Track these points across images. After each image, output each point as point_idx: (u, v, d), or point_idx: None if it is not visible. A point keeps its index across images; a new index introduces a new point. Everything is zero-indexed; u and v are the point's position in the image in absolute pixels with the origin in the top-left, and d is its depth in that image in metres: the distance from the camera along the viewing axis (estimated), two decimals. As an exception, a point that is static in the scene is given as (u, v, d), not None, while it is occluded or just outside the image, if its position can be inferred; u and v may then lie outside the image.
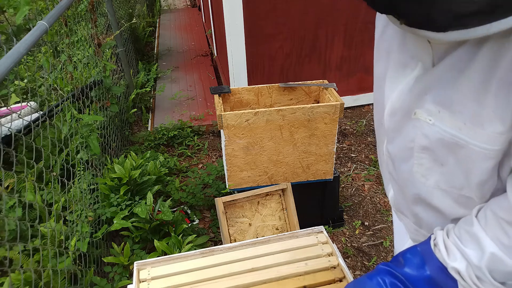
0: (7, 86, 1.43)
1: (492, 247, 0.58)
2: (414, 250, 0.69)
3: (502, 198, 0.60)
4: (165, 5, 7.61)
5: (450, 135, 0.59)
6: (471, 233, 0.62)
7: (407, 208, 0.80)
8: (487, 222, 0.60)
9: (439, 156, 0.64)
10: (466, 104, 0.55)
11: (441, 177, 0.65)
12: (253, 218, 1.93)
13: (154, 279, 0.95)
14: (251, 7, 2.82)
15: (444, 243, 0.65)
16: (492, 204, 0.61)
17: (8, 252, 1.29)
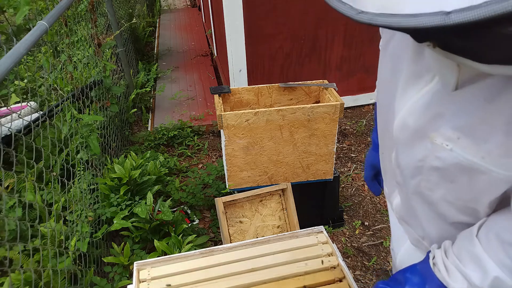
0: (7, 86, 1.43)
1: (496, 271, 0.57)
2: (414, 269, 0.69)
3: (505, 218, 0.58)
4: (165, 5, 7.60)
5: (470, 162, 0.56)
6: (472, 254, 0.61)
7: (412, 217, 0.79)
8: (490, 244, 0.59)
9: (450, 176, 0.61)
10: (493, 134, 0.52)
11: (448, 191, 0.64)
12: (253, 218, 1.93)
13: (154, 279, 0.95)
14: (251, 7, 2.82)
15: (443, 263, 0.64)
16: (494, 224, 0.60)
17: (8, 252, 1.29)
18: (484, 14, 0.30)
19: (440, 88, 0.58)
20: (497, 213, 0.61)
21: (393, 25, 0.35)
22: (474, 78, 0.53)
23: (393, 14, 0.35)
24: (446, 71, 0.55)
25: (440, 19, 0.32)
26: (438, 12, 0.32)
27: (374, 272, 2.03)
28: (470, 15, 0.31)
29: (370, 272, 2.03)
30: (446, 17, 0.32)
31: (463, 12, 0.31)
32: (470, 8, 0.31)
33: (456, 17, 0.31)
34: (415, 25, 0.34)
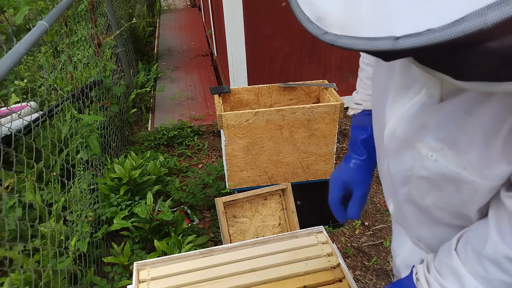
0: (7, 86, 1.43)
1: (473, 283, 0.59)
2: (399, 285, 0.71)
3: (481, 231, 0.59)
4: (165, 5, 7.60)
5: (454, 172, 0.58)
6: (451, 267, 0.62)
7: (406, 223, 0.80)
8: (467, 257, 0.60)
9: (438, 185, 0.63)
10: (473, 145, 0.54)
11: (439, 198, 0.65)
12: (253, 218, 1.93)
13: (153, 280, 0.95)
14: (251, 7, 2.82)
15: (425, 278, 0.66)
16: (471, 237, 0.61)
17: (8, 252, 1.29)
18: (426, 41, 0.32)
19: (427, 99, 0.59)
20: (475, 226, 0.62)
21: (351, 47, 0.37)
22: (456, 91, 0.54)
23: (351, 37, 0.37)
24: (431, 84, 0.56)
25: (389, 43, 0.34)
26: (389, 37, 0.34)
27: (374, 272, 2.03)
28: (414, 42, 0.32)
29: (370, 272, 2.03)
30: (394, 42, 0.33)
31: (408, 38, 0.33)
32: (415, 35, 0.32)
33: (403, 43, 0.33)
34: (369, 48, 0.35)
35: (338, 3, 0.38)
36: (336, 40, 0.38)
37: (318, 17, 0.40)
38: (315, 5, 0.41)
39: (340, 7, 0.38)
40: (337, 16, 0.38)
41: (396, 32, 0.34)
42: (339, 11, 0.38)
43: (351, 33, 0.37)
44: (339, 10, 0.38)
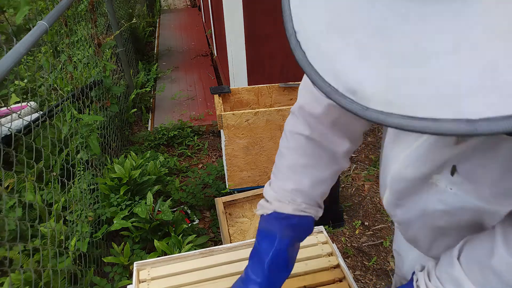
0: (7, 86, 1.43)
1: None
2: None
3: (486, 242, 0.58)
4: (165, 5, 7.60)
5: (475, 205, 0.55)
6: (452, 276, 0.61)
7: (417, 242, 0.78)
8: (470, 267, 0.59)
9: (455, 214, 0.61)
10: (498, 180, 0.51)
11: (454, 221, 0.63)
12: (253, 218, 1.93)
13: (154, 280, 0.95)
14: (251, 7, 2.82)
15: (426, 286, 0.65)
16: (476, 248, 0.60)
17: (8, 252, 1.30)
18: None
19: (435, 140, 0.56)
20: (478, 237, 0.61)
21: (408, 129, 0.31)
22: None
23: (405, 116, 0.31)
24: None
25: (466, 128, 0.28)
26: (459, 120, 0.28)
27: (374, 272, 2.03)
28: (499, 127, 0.27)
29: (370, 272, 2.03)
30: (472, 127, 0.28)
31: (489, 122, 0.28)
32: (498, 119, 0.27)
33: (483, 128, 0.28)
34: (436, 131, 0.30)
35: (376, 74, 0.32)
36: (386, 120, 0.32)
37: (350, 90, 0.34)
38: (343, 75, 0.34)
39: (379, 80, 0.32)
40: (377, 90, 0.33)
41: (467, 113, 0.28)
42: (379, 84, 0.32)
43: (403, 111, 0.31)
44: (379, 83, 0.32)
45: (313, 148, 0.73)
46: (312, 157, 0.73)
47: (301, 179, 0.73)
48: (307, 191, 0.73)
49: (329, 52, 0.36)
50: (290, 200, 0.73)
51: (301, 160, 0.73)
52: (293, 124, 0.75)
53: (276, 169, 0.77)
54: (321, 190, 0.75)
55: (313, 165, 0.74)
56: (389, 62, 0.32)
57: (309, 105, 0.71)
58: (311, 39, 0.38)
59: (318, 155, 0.73)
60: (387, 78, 0.32)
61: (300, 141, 0.73)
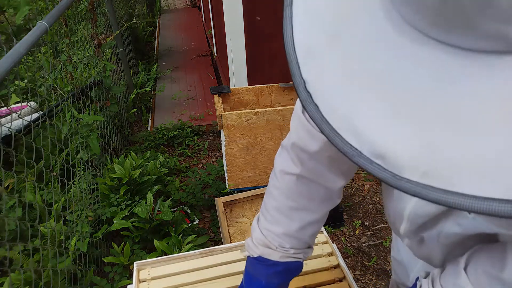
0: (7, 86, 1.43)
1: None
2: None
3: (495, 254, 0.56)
4: (165, 5, 7.60)
5: (493, 230, 0.52)
6: (458, 286, 0.60)
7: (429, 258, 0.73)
8: (477, 278, 0.57)
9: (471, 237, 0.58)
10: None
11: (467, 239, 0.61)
12: (253, 218, 1.93)
13: (154, 279, 0.95)
14: (251, 7, 2.82)
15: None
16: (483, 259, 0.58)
17: (8, 252, 1.29)
18: None
19: None
20: (485, 248, 0.59)
21: (453, 206, 0.27)
22: None
23: (447, 191, 0.27)
24: None
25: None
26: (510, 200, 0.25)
27: (374, 272, 2.03)
28: None
29: (370, 272, 2.03)
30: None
31: None
32: None
33: None
34: (485, 211, 0.25)
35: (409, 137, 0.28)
36: (425, 194, 0.27)
37: (377, 154, 0.29)
38: (367, 135, 0.29)
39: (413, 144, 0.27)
40: (410, 156, 0.28)
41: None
42: (413, 149, 0.27)
43: (444, 185, 0.27)
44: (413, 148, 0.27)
45: (305, 187, 0.68)
46: (303, 198, 0.69)
47: (290, 223, 0.69)
48: (296, 235, 0.70)
49: (348, 107, 0.30)
50: (277, 245, 0.69)
51: (290, 203, 0.69)
52: (283, 162, 0.70)
53: (265, 209, 0.72)
54: (311, 231, 0.72)
55: (303, 208, 0.69)
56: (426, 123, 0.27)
57: (303, 141, 0.65)
58: (327, 91, 0.32)
59: (309, 195, 0.69)
60: (423, 141, 0.27)
61: (290, 182, 0.68)
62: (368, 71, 0.30)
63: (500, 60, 0.25)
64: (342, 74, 0.31)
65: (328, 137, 0.31)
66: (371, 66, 0.29)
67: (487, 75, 0.25)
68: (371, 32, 0.30)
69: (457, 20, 0.25)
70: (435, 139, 0.27)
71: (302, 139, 0.65)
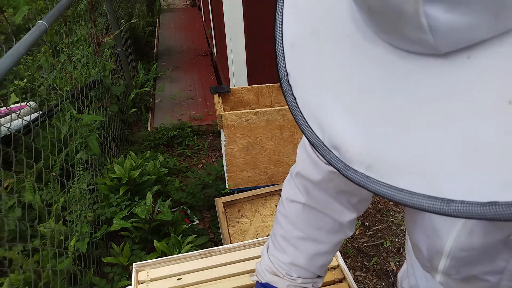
0: (7, 86, 1.43)
1: None
2: None
3: None
4: (165, 4, 7.60)
5: None
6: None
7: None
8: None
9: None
10: None
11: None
12: (253, 218, 1.93)
13: (153, 281, 0.95)
14: (251, 7, 2.81)
15: None
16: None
17: (8, 252, 1.29)
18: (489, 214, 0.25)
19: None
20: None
21: (389, 198, 0.29)
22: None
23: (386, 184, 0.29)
24: None
25: (438, 206, 0.27)
26: (436, 198, 0.27)
27: (374, 273, 2.03)
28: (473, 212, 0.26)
29: (371, 273, 2.03)
30: (446, 206, 0.27)
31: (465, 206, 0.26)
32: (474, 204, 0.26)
33: (458, 210, 0.26)
34: (410, 204, 0.28)
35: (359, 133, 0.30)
36: (366, 184, 0.30)
37: (334, 145, 0.32)
38: (328, 127, 0.33)
39: (362, 139, 0.30)
40: (358, 150, 0.31)
41: (445, 193, 0.27)
42: (361, 144, 0.30)
43: (384, 179, 0.29)
44: (361, 142, 0.30)
45: (312, 216, 0.66)
46: (309, 228, 0.66)
47: (296, 253, 0.67)
48: (303, 266, 0.68)
49: (318, 102, 0.33)
50: (285, 274, 0.68)
51: (296, 232, 0.67)
52: (289, 190, 0.69)
53: (273, 236, 0.71)
54: (320, 262, 0.69)
55: (310, 238, 0.67)
56: (375, 122, 0.30)
57: (306, 170, 0.64)
58: (304, 85, 0.35)
59: (316, 224, 0.66)
60: (370, 139, 0.30)
61: (297, 210, 0.67)
62: (334, 69, 0.33)
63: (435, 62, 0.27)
64: (317, 69, 0.34)
65: (300, 127, 0.35)
66: (337, 63, 0.32)
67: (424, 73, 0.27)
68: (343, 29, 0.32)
69: (390, 27, 0.27)
70: (379, 136, 0.29)
71: (305, 167, 0.64)
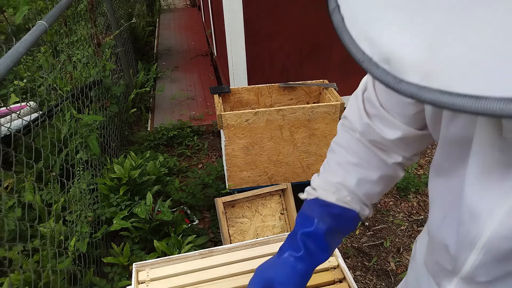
0: (7, 86, 1.43)
1: None
2: None
3: None
4: (165, 4, 7.60)
5: None
6: None
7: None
8: None
9: None
10: None
11: None
12: (253, 218, 1.93)
13: (153, 281, 0.95)
14: (251, 7, 2.81)
15: None
16: None
17: (8, 252, 1.29)
18: None
19: None
20: None
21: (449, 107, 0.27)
22: None
23: (445, 92, 0.27)
24: None
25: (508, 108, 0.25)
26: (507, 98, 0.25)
27: (374, 273, 2.03)
28: None
29: (371, 273, 2.03)
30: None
31: None
32: None
33: None
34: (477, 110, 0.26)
35: (414, 41, 0.29)
36: (420, 94, 0.29)
37: (385, 58, 0.31)
38: (379, 41, 0.31)
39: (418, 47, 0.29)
40: (414, 59, 0.29)
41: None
42: (417, 52, 0.29)
43: (444, 86, 0.27)
44: (417, 51, 0.29)
45: (363, 149, 0.71)
46: (361, 157, 0.71)
47: (346, 176, 0.71)
48: (352, 188, 0.71)
49: (370, 17, 0.32)
50: (335, 190, 0.72)
51: (350, 158, 0.72)
52: (343, 123, 0.75)
53: (326, 163, 0.76)
54: (366, 190, 0.71)
55: (362, 165, 0.71)
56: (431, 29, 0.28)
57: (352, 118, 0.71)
58: (354, 2, 0.34)
59: (366, 157, 0.71)
60: (427, 45, 0.28)
61: (350, 140, 0.72)
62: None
63: None
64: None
65: (346, 45, 0.34)
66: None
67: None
68: None
69: None
70: (439, 41, 0.28)
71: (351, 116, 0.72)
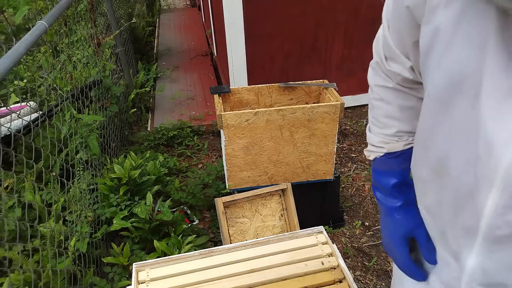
0: (7, 86, 1.43)
1: None
2: None
3: None
4: (165, 4, 7.60)
5: None
6: None
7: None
8: None
9: None
10: None
11: None
12: (253, 219, 1.93)
13: (153, 281, 0.95)
14: (251, 7, 2.81)
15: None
16: None
17: (8, 252, 1.29)
18: None
19: None
20: None
21: None
22: None
23: None
24: None
25: None
26: None
27: (374, 273, 2.03)
28: None
29: (371, 273, 2.03)
30: None
31: None
32: None
33: None
34: None
35: None
36: None
37: None
38: None
39: None
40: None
41: None
42: None
43: None
44: None
45: (401, 95, 0.73)
46: (401, 103, 0.73)
47: (401, 123, 0.74)
48: (409, 129, 0.74)
49: None
50: (397, 139, 0.75)
51: (394, 107, 0.74)
52: (375, 77, 0.77)
53: (374, 119, 0.79)
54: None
55: (408, 108, 0.73)
56: None
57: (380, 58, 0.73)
58: None
59: (408, 102, 0.73)
60: None
61: (388, 92, 0.74)
62: None
63: None
64: None
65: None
66: None
67: None
68: None
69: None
70: None
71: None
